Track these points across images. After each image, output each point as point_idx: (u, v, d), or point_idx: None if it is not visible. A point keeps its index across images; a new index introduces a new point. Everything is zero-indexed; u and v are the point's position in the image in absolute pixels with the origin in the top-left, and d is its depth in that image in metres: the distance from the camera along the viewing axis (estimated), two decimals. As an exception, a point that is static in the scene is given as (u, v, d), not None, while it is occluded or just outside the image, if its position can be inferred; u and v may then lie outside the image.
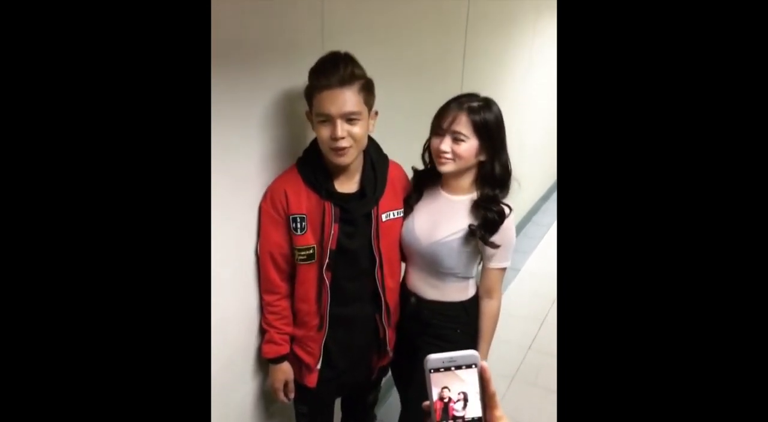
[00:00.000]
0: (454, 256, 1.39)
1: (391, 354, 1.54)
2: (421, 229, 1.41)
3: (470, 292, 1.47)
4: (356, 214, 1.34)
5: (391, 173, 1.41)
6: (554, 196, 4.40)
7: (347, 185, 1.34)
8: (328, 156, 1.27)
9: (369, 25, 1.61)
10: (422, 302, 1.46)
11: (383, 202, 1.37)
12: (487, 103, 1.36)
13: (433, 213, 1.42)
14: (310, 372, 1.43)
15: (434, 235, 1.39)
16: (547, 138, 3.81)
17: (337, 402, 1.63)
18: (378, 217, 1.36)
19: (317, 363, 1.42)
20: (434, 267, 1.42)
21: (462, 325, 1.47)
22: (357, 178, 1.35)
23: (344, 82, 1.19)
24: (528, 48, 3.13)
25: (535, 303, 3.04)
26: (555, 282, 2.38)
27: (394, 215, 1.40)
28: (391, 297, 1.46)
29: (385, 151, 1.43)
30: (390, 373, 1.65)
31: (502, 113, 1.38)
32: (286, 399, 1.44)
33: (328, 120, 1.21)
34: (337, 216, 1.31)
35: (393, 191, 1.40)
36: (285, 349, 1.40)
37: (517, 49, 2.97)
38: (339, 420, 1.70)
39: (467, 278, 1.46)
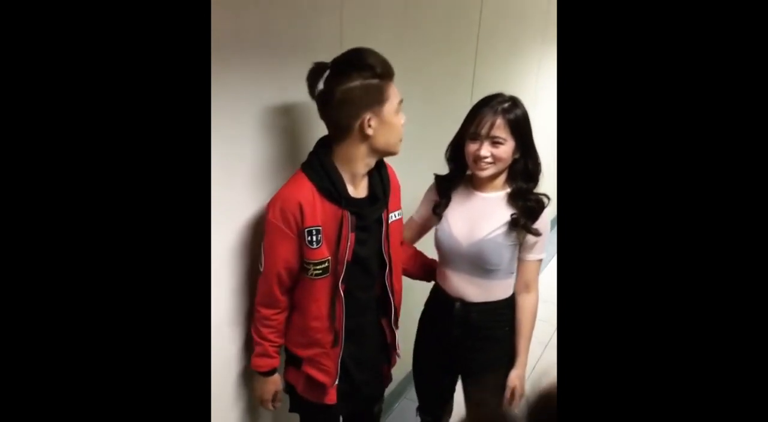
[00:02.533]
0: (499, 252, 1.41)
1: (398, 357, 1.53)
2: (460, 231, 1.43)
3: (512, 289, 1.49)
4: (370, 220, 1.32)
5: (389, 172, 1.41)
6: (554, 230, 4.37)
7: (358, 191, 1.31)
8: (394, 148, 1.28)
9: (383, 41, 1.68)
10: (468, 305, 1.47)
11: (390, 203, 1.38)
12: (514, 101, 1.39)
13: (469, 213, 1.44)
14: (326, 391, 1.38)
15: (475, 234, 1.41)
16: (549, 168, 3.84)
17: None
18: (387, 220, 1.36)
19: (334, 381, 1.37)
20: (480, 266, 1.43)
21: (509, 323, 1.48)
22: (365, 182, 1.33)
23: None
24: (533, 79, 3.22)
25: (538, 326, 3.00)
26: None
27: (396, 216, 1.41)
28: (398, 299, 1.45)
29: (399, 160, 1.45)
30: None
31: None
32: (272, 407, 1.42)
33: (399, 109, 1.24)
34: (354, 225, 1.27)
35: (393, 191, 1.40)
36: (278, 361, 1.37)
37: (522, 78, 3.06)
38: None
39: (511, 273, 1.48)
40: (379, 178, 1.36)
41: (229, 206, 1.26)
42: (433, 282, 1.62)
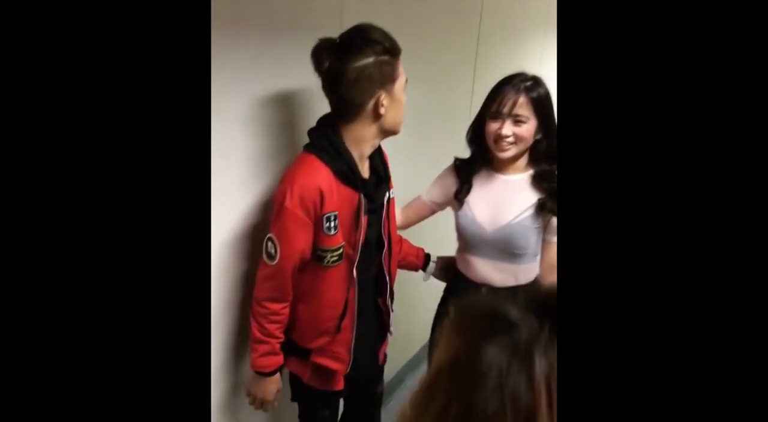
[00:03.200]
0: (527, 235, 1.38)
1: (390, 335, 1.52)
2: (484, 217, 1.40)
3: (536, 272, 1.47)
4: (377, 202, 1.30)
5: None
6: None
7: (363, 172, 1.27)
8: (399, 127, 1.24)
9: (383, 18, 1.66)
10: (495, 291, 1.44)
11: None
12: (537, 80, 1.35)
13: (491, 198, 1.41)
14: (336, 378, 1.36)
15: (501, 219, 1.38)
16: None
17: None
18: (388, 200, 1.36)
19: (347, 367, 1.35)
20: (506, 251, 1.41)
21: None
22: (367, 163, 1.29)
23: None
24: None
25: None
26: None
27: (391, 194, 1.40)
28: (393, 278, 1.44)
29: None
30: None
31: None
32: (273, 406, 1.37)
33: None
34: (366, 207, 1.25)
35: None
36: (282, 359, 1.31)
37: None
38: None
39: (535, 256, 1.46)
40: (380, 158, 1.34)
41: (223, 197, 1.22)
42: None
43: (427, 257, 1.65)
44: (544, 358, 0.23)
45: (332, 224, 1.19)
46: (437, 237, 1.76)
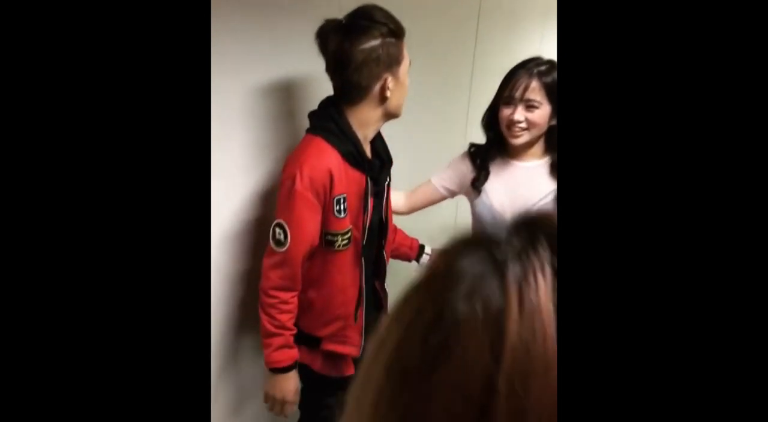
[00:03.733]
0: None
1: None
2: (502, 204, 1.38)
3: None
4: (382, 185, 1.30)
5: None
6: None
7: (367, 155, 1.26)
8: (401, 110, 1.23)
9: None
10: None
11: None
12: (552, 64, 1.32)
13: (509, 185, 1.38)
14: (348, 363, 1.35)
15: (519, 206, 1.35)
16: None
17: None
18: (388, 184, 1.36)
19: (360, 350, 1.32)
20: None
21: None
22: (368, 147, 1.28)
23: None
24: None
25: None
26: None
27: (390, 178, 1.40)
28: (387, 262, 1.44)
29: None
30: None
31: None
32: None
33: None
34: (372, 190, 1.24)
35: None
36: (297, 352, 1.25)
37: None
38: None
39: None
40: (381, 141, 1.33)
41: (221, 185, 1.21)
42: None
43: (421, 248, 1.64)
44: (518, 264, 0.24)
45: (342, 207, 1.18)
46: (428, 230, 1.75)
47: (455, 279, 0.25)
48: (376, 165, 1.28)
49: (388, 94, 1.16)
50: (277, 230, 1.17)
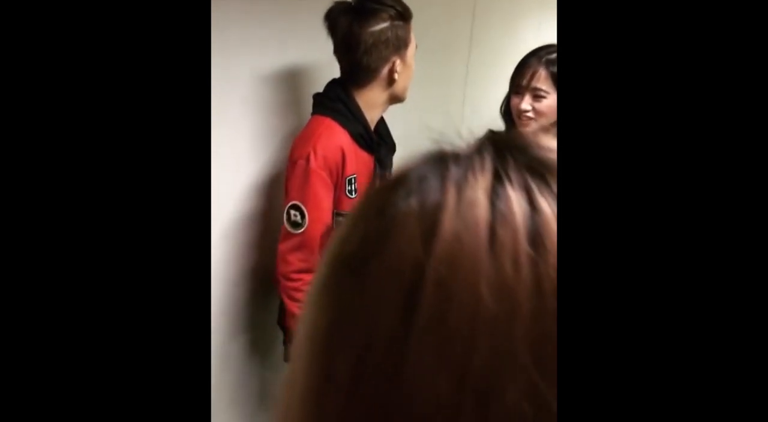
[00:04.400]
0: None
1: None
2: None
3: None
4: (387, 167, 1.29)
5: None
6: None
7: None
8: (406, 93, 1.22)
9: None
10: None
11: None
12: None
13: None
14: None
15: None
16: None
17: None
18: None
19: None
20: None
21: None
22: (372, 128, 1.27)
23: None
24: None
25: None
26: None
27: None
28: None
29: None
30: None
31: None
32: None
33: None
34: (379, 172, 1.24)
35: None
36: None
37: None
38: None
39: None
40: (384, 125, 1.33)
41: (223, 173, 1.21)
42: None
43: None
44: (461, 167, 0.25)
45: (353, 187, 1.18)
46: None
47: (401, 182, 0.26)
48: (382, 147, 1.28)
49: (396, 76, 1.16)
50: (293, 212, 1.15)
